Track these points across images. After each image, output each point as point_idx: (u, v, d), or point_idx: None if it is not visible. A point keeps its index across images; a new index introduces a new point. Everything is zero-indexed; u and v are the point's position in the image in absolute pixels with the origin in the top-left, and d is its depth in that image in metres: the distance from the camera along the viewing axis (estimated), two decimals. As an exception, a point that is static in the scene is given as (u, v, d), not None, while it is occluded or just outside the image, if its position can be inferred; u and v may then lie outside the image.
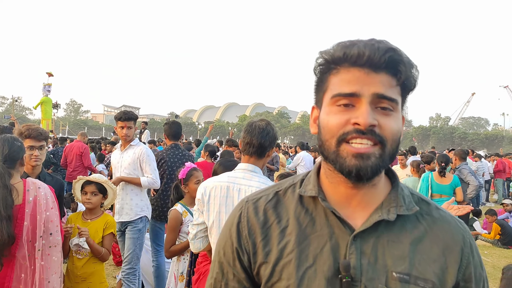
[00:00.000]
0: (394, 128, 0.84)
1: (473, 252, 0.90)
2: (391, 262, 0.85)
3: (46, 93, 22.44)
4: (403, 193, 0.91)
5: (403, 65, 0.83)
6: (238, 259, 0.96)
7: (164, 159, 4.72)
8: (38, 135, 3.05)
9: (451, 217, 0.93)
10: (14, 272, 2.33)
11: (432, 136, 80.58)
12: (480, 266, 0.91)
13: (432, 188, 6.06)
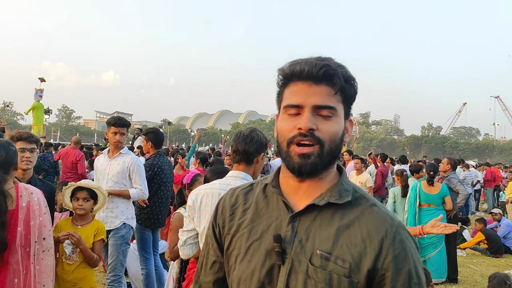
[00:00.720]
0: (331, 131, 1.02)
1: (395, 245, 0.98)
2: (318, 242, 1.01)
3: (38, 98, 22.22)
4: (343, 187, 1.06)
5: (337, 78, 1.00)
6: (213, 231, 1.20)
7: (160, 168, 4.65)
8: (29, 136, 3.05)
9: (384, 213, 1.03)
10: (7, 277, 2.34)
11: (424, 145, 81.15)
12: (405, 259, 0.98)
13: (420, 197, 6.04)
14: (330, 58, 1.04)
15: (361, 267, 0.97)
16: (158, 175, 4.63)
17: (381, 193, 9.88)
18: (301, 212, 1.04)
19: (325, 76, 1.00)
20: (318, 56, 1.04)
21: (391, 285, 0.97)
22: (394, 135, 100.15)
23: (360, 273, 0.97)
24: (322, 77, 1.00)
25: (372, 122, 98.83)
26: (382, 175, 9.78)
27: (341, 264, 0.97)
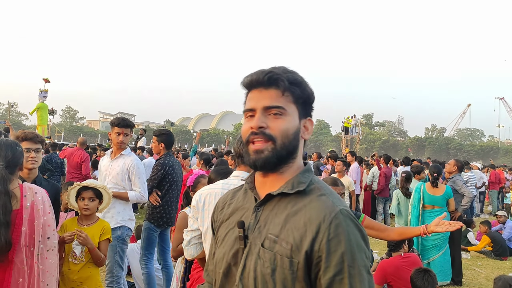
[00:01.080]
0: (282, 127, 1.16)
1: (331, 229, 1.06)
2: (271, 227, 1.14)
3: (43, 99, 22.30)
4: (298, 179, 1.18)
5: (281, 81, 1.16)
6: (212, 226, 1.41)
7: (172, 167, 4.68)
8: (34, 137, 3.06)
9: (329, 201, 1.12)
10: (12, 277, 2.34)
11: (428, 147, 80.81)
12: (339, 243, 1.05)
13: (424, 199, 6.00)
14: (281, 66, 1.21)
15: (301, 249, 1.07)
16: (169, 174, 4.66)
17: (385, 195, 9.85)
18: (263, 202, 1.19)
19: (270, 81, 1.16)
20: (272, 66, 1.21)
21: (325, 266, 1.05)
22: (398, 136, 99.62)
23: (300, 254, 1.07)
24: (268, 82, 1.16)
25: (375, 123, 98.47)
26: (386, 177, 9.75)
27: (285, 246, 1.09)
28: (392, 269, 4.18)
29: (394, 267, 4.19)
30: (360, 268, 1.05)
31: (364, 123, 67.23)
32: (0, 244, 2.25)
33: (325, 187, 1.19)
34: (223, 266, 1.21)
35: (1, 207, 2.29)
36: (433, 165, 6.59)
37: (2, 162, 2.41)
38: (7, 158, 2.41)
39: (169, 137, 4.82)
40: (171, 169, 4.68)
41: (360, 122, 40.80)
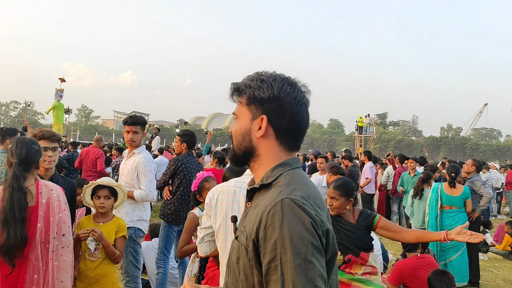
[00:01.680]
0: (234, 129, 1.33)
1: (268, 217, 1.12)
2: (245, 220, 1.25)
3: (58, 98, 22.63)
4: (266, 175, 1.26)
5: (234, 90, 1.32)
6: None
7: (185, 165, 4.72)
8: (51, 135, 3.08)
9: (278, 192, 1.17)
10: (27, 273, 2.36)
11: (443, 147, 79.79)
12: (274, 230, 1.09)
13: (442, 199, 5.93)
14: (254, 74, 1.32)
15: (251, 237, 1.15)
16: (181, 171, 4.69)
17: (400, 195, 9.72)
18: (249, 198, 1.31)
19: (233, 92, 1.33)
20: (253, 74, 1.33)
21: (263, 252, 1.11)
22: (412, 136, 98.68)
23: (251, 243, 1.14)
24: (232, 94, 1.33)
25: (390, 123, 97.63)
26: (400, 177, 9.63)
27: (244, 235, 1.19)
28: (408, 269, 4.14)
29: (411, 268, 4.16)
30: (293, 255, 1.05)
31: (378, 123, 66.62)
32: (15, 240, 2.27)
33: (291, 179, 1.21)
34: (228, 255, 1.31)
35: (16, 204, 2.31)
36: (450, 165, 6.49)
37: (16, 160, 2.43)
38: (21, 155, 2.43)
39: (192, 138, 4.92)
40: (183, 167, 4.70)
41: (374, 121, 40.45)
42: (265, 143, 1.28)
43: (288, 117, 1.25)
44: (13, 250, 2.29)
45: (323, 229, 1.13)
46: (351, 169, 8.73)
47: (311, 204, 1.14)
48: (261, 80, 1.27)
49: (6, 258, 2.29)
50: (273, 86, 1.25)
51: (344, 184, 3.29)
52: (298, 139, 1.30)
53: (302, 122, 1.28)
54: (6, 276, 2.30)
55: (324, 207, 1.22)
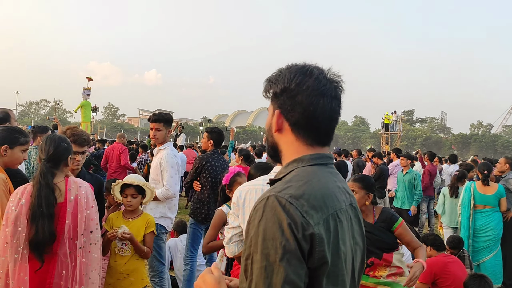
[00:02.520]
0: (265, 123, 1.31)
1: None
2: None
3: (86, 97, 23.13)
4: (280, 170, 1.22)
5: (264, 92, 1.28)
6: None
7: (210, 163, 4.70)
8: (82, 141, 3.15)
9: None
10: (56, 269, 2.38)
11: (473, 144, 77.66)
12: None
13: (475, 198, 5.74)
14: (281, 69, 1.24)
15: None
16: (206, 169, 4.68)
17: (429, 193, 9.45)
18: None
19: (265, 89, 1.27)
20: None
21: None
22: (441, 133, 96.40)
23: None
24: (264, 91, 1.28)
25: (417, 120, 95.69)
26: (430, 175, 9.36)
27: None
28: (439, 266, 4.12)
29: (442, 264, 4.14)
30: (261, 256, 1.00)
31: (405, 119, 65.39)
32: (44, 236, 2.28)
33: (295, 176, 1.14)
34: None
35: (43, 200, 2.32)
36: (482, 163, 6.26)
37: (44, 157, 2.45)
38: (49, 152, 2.45)
39: (219, 136, 4.90)
40: (208, 165, 4.68)
41: (401, 118, 39.71)
42: (283, 138, 1.23)
43: (299, 108, 1.16)
44: (42, 246, 2.30)
45: (307, 232, 1.01)
46: (382, 167, 8.54)
47: (301, 204, 1.04)
48: (279, 73, 1.23)
49: (35, 253, 2.31)
50: (285, 78, 1.19)
51: (364, 177, 3.24)
52: (317, 132, 1.20)
53: (317, 113, 1.16)
54: (36, 271, 2.32)
55: (329, 209, 1.09)
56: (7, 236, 2.32)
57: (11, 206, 2.38)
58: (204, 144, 4.91)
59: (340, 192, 1.19)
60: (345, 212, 1.17)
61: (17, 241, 2.31)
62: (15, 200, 2.39)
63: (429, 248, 4.55)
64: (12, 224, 2.32)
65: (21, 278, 2.31)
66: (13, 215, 2.33)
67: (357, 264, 1.22)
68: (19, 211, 2.34)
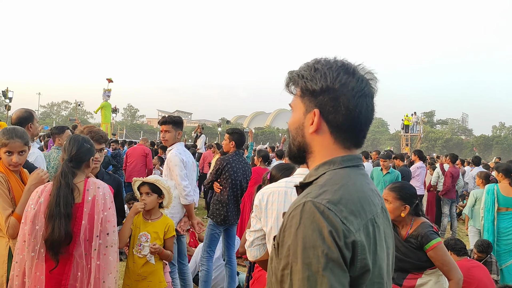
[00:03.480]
0: (289, 122, 1.23)
1: (287, 220, 1.02)
2: None
3: (106, 98, 23.43)
4: (310, 173, 1.16)
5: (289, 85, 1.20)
6: None
7: (230, 164, 4.68)
8: (99, 138, 3.14)
9: (303, 194, 1.06)
10: (71, 270, 2.36)
11: (495, 147, 75.92)
12: (289, 236, 0.99)
13: (498, 201, 5.53)
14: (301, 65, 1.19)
15: (277, 237, 1.06)
16: (226, 171, 4.65)
17: (451, 196, 9.24)
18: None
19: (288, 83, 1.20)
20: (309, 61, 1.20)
21: (279, 257, 1.02)
22: (462, 135, 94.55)
23: (276, 243, 1.06)
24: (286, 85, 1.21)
25: (437, 121, 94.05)
26: (452, 177, 9.14)
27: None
28: (462, 271, 3.98)
29: (465, 269, 4.02)
30: (303, 266, 0.94)
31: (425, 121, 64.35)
32: (60, 235, 2.27)
33: (330, 180, 1.08)
34: None
35: (62, 199, 2.32)
36: (501, 164, 6.06)
37: (67, 157, 2.45)
38: (71, 153, 2.46)
39: (241, 137, 4.86)
40: (228, 166, 4.65)
41: (421, 120, 39.06)
42: (319, 139, 1.15)
43: (344, 110, 1.10)
44: (58, 245, 2.29)
45: (348, 240, 0.96)
46: (403, 169, 8.36)
47: (340, 210, 0.99)
48: (315, 69, 1.13)
49: (51, 252, 2.30)
50: (326, 76, 1.11)
51: (403, 187, 2.92)
52: (357, 135, 1.15)
53: (361, 116, 1.12)
54: (50, 271, 2.31)
55: (367, 214, 1.05)
56: (25, 234, 2.32)
57: (30, 204, 2.38)
58: (226, 146, 4.86)
59: (374, 195, 1.14)
60: (380, 216, 1.12)
61: (35, 240, 2.31)
62: (35, 198, 2.39)
63: (450, 253, 4.45)
64: (30, 222, 2.32)
65: (37, 277, 2.30)
66: (31, 213, 2.33)
67: (389, 268, 1.17)
68: (38, 209, 2.34)
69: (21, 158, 2.74)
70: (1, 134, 2.74)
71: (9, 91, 27.78)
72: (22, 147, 2.72)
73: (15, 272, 2.33)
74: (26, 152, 2.80)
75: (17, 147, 2.69)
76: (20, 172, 2.85)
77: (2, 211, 2.57)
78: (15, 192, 2.68)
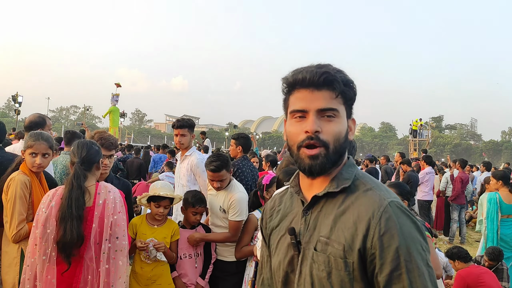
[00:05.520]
0: (335, 131, 1.12)
1: (381, 223, 1.02)
2: (322, 229, 1.12)
3: (114, 102, 23.60)
4: (342, 176, 1.15)
5: (337, 83, 1.11)
6: (262, 233, 1.40)
7: (241, 169, 4.65)
8: (110, 145, 3.17)
9: (377, 195, 1.09)
10: (82, 273, 2.37)
11: (504, 152, 75.18)
12: (392, 237, 1.01)
13: (501, 210, 5.46)
14: (329, 64, 1.14)
15: (353, 248, 1.05)
16: (237, 176, 4.61)
17: (461, 202, 9.13)
18: (311, 205, 1.17)
19: (325, 82, 1.11)
20: (317, 64, 1.15)
21: (380, 262, 1.01)
22: (471, 140, 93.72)
23: (353, 254, 1.05)
24: (323, 83, 1.11)
25: (446, 126, 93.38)
26: (462, 182, 9.05)
27: (337, 247, 1.07)
28: (472, 278, 4.10)
29: (475, 275, 4.08)
30: (418, 262, 1.00)
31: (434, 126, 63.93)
32: (72, 237, 2.28)
33: (371, 180, 1.16)
34: (281, 275, 1.21)
35: (74, 201, 2.33)
36: (500, 171, 5.97)
37: (78, 159, 2.48)
38: (82, 155, 2.49)
39: (247, 141, 4.83)
40: (239, 171, 4.62)
41: (430, 125, 38.80)
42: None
43: None
44: (69, 248, 2.30)
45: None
46: (410, 174, 8.30)
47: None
48: (345, 74, 1.16)
49: (63, 255, 2.31)
50: (355, 86, 1.18)
51: (400, 184, 3.17)
52: None
53: None
54: (62, 274, 2.32)
55: None
56: (36, 237, 2.34)
57: (41, 208, 2.40)
58: (233, 152, 4.83)
59: None
60: None
61: (46, 243, 2.32)
62: (46, 202, 2.41)
63: (457, 262, 4.41)
64: (41, 226, 2.34)
65: (48, 280, 2.32)
66: (43, 217, 2.35)
67: None
68: (49, 213, 2.36)
69: (44, 161, 2.86)
70: (28, 136, 2.89)
71: (18, 96, 28.12)
72: (47, 149, 2.87)
73: (27, 275, 2.34)
74: (50, 156, 2.92)
75: (42, 149, 2.83)
76: (40, 177, 2.91)
77: (18, 216, 2.63)
78: (34, 196, 2.75)
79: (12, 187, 2.68)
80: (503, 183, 5.50)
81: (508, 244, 5.41)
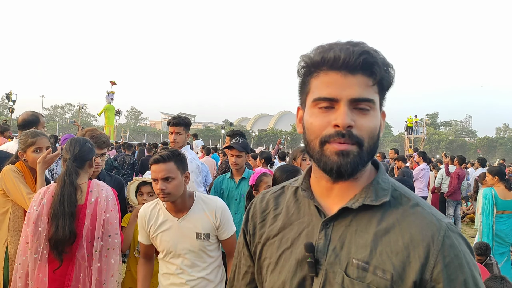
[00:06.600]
0: (370, 127, 0.89)
1: (445, 251, 0.85)
2: (354, 250, 0.89)
3: (109, 100, 23.52)
4: (379, 186, 0.94)
5: (377, 66, 0.87)
6: (244, 238, 1.14)
7: None
8: (101, 143, 3.15)
9: (430, 214, 0.90)
10: (74, 272, 2.35)
11: (499, 148, 75.69)
12: (459, 268, 0.84)
13: (497, 205, 5.50)
14: (363, 42, 0.90)
15: (405, 278, 0.84)
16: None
17: (456, 198, 9.16)
18: (335, 216, 0.94)
19: (364, 65, 0.87)
20: (348, 40, 0.90)
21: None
22: (465, 136, 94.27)
23: (405, 286, 0.84)
24: (361, 66, 0.86)
25: (441, 123, 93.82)
26: (459, 178, 9.07)
27: (381, 275, 0.86)
28: None
29: None
30: None
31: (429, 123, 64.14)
32: (64, 234, 2.26)
33: (410, 192, 0.97)
34: None
35: (66, 198, 2.32)
36: (496, 167, 5.98)
37: (70, 156, 2.46)
38: (74, 152, 2.47)
39: (242, 138, 4.74)
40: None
41: (425, 121, 38.95)
42: None
43: None
44: (61, 245, 2.29)
45: None
46: (405, 170, 8.31)
47: None
48: (384, 56, 0.91)
49: (55, 252, 2.29)
50: (394, 69, 0.93)
51: (404, 179, 3.08)
52: None
53: None
54: (54, 271, 2.31)
55: None
56: (28, 235, 2.32)
57: (33, 206, 2.38)
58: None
59: None
60: None
61: (37, 241, 2.30)
62: (37, 200, 2.39)
63: None
64: (33, 223, 2.31)
65: (40, 279, 2.29)
66: (34, 215, 2.33)
67: None
68: (41, 211, 2.34)
69: None
70: (24, 136, 2.86)
71: (12, 94, 27.91)
72: (48, 143, 2.92)
73: (18, 273, 2.32)
74: (51, 150, 2.91)
75: (44, 142, 2.88)
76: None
77: (27, 196, 2.65)
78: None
79: (6, 177, 2.72)
80: (499, 179, 5.51)
81: (503, 239, 5.44)
